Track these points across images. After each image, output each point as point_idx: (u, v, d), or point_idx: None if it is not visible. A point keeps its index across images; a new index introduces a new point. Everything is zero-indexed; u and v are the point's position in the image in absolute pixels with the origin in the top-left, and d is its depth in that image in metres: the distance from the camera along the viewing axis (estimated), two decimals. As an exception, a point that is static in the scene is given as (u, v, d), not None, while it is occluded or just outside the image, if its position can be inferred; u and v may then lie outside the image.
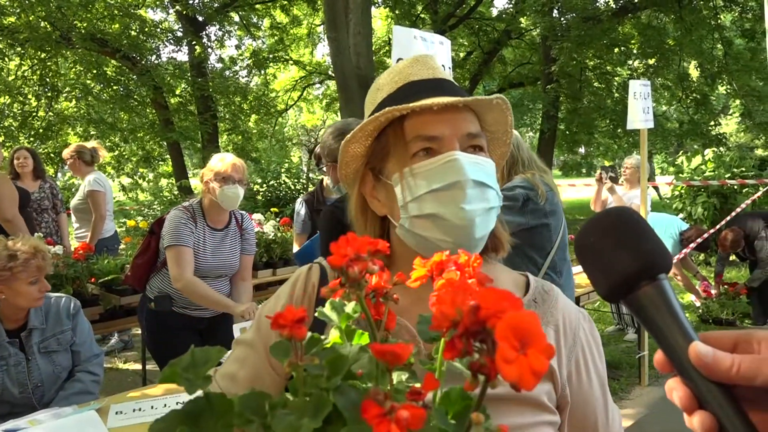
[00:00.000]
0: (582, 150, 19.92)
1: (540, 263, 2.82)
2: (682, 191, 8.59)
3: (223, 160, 2.98)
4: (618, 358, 4.88)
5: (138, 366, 4.77)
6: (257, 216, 5.06)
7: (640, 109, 4.27)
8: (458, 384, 0.80)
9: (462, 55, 17.71)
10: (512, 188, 2.68)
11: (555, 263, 2.89)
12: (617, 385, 4.40)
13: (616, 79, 14.51)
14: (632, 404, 4.15)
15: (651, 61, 13.71)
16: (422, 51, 2.66)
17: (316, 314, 0.62)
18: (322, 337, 0.56)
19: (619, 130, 13.60)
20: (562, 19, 12.95)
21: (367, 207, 0.92)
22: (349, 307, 0.59)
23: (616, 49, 13.54)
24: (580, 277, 4.27)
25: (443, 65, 2.81)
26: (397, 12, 15.61)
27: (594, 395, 0.89)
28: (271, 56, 16.16)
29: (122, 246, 4.81)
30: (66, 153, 5.18)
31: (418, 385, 0.49)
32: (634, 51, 13.77)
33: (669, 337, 0.51)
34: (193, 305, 2.95)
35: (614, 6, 12.91)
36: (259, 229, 4.54)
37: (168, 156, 13.67)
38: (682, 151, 13.26)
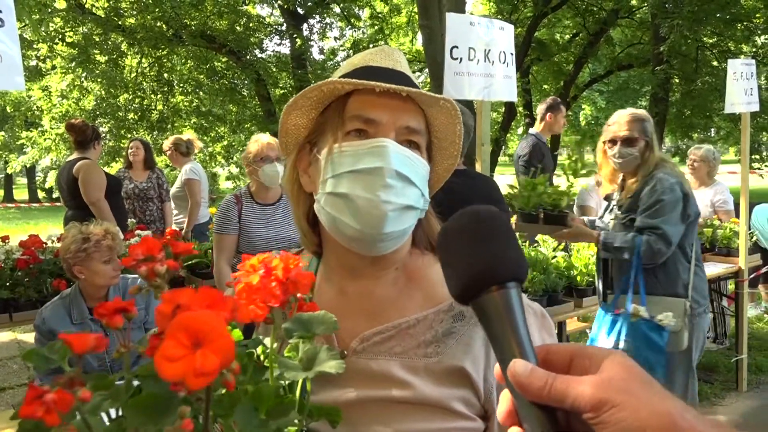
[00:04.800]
0: (701, 135, 18.53)
1: (690, 256, 2.78)
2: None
3: (258, 141, 3.22)
4: (714, 360, 4.52)
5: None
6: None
7: (742, 90, 3.91)
8: (376, 386, 0.79)
9: (567, 37, 16.99)
10: (672, 188, 2.62)
11: (698, 254, 2.85)
12: (710, 389, 4.09)
13: (741, 57, 13.30)
14: (726, 411, 3.84)
15: (780, 37, 12.45)
16: (480, 37, 2.59)
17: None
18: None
19: (741, 113, 12.48)
20: (675, -6, 12.04)
21: (300, 183, 0.91)
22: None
23: (739, 25, 12.40)
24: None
25: (504, 51, 2.72)
26: (497, -5, 15.24)
27: None
28: (371, 46, 16.37)
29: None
30: (165, 145, 5.57)
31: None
32: (760, 26, 12.53)
33: (502, 348, 0.48)
34: None
35: (735, -23, 11.81)
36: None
37: (272, 146, 14.29)
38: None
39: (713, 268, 4.15)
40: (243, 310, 0.50)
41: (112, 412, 0.50)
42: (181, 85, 13.55)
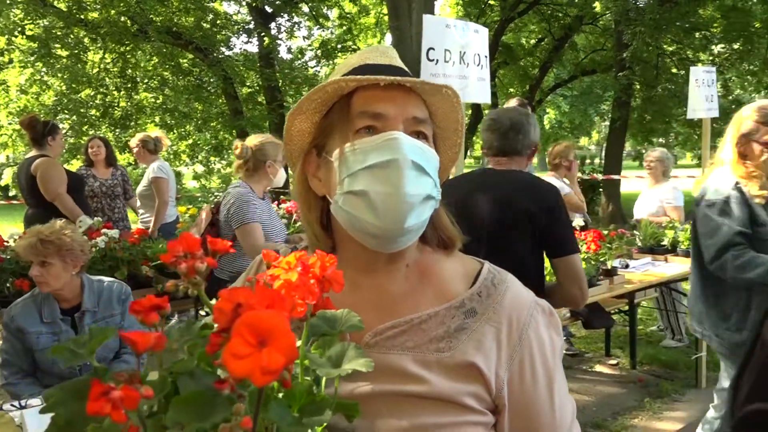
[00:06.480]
0: (661, 140, 19.06)
1: None
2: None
3: (279, 144, 3.31)
4: (674, 357, 4.67)
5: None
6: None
7: (703, 97, 4.05)
8: (389, 380, 0.80)
9: (532, 42, 17.26)
10: None
11: None
12: (670, 386, 4.21)
13: (699, 65, 13.73)
14: (685, 407, 3.96)
15: (735, 46, 12.88)
16: (455, 40, 2.62)
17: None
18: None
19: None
20: (637, 1, 12.36)
21: (309, 187, 0.91)
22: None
23: (697, 34, 12.79)
24: (631, 273, 4.11)
25: (478, 54, 2.76)
26: (465, -1, 15.39)
27: (538, 398, 0.85)
28: (339, 46, 16.32)
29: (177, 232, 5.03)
30: (132, 142, 5.47)
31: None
32: (717, 35, 12.96)
33: None
34: None
35: (694, -13, 12.18)
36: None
37: (238, 145, 14.12)
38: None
39: (675, 269, 4.29)
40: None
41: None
42: (146, 81, 13.29)
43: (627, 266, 4.22)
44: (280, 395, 0.53)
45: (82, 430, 0.47)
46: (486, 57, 2.80)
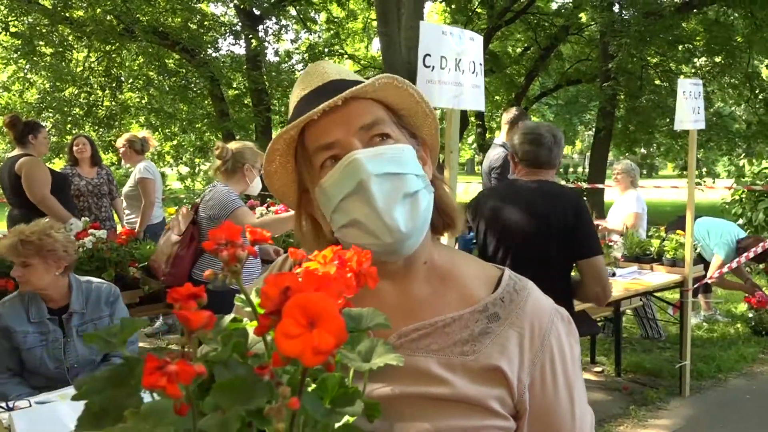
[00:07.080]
0: (643, 150, 19.32)
1: None
2: (743, 196, 8.21)
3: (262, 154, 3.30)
4: (658, 365, 4.72)
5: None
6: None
7: (690, 108, 4.10)
8: (414, 382, 0.80)
9: (518, 50, 17.42)
10: None
11: None
12: (655, 394, 4.26)
13: (681, 77, 13.95)
14: (669, 415, 4.00)
15: (717, 59, 13.11)
16: (451, 47, 2.63)
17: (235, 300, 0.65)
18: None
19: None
20: (623, 13, 12.54)
21: (320, 227, 0.91)
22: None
23: (680, 46, 13.01)
24: (617, 282, 4.16)
25: (473, 61, 2.78)
26: (452, 6, 15.47)
27: (559, 404, 0.85)
28: (326, 50, 16.34)
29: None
30: (119, 142, 5.42)
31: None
32: (699, 48, 13.19)
33: None
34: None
35: (678, 1, 12.38)
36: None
37: (224, 147, 14.00)
38: (744, 154, 12.63)
39: (660, 278, 4.34)
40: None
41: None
42: (131, 81, 13.17)
43: (614, 274, 4.26)
44: (309, 389, 0.53)
45: (117, 417, 0.47)
46: (481, 65, 2.82)
